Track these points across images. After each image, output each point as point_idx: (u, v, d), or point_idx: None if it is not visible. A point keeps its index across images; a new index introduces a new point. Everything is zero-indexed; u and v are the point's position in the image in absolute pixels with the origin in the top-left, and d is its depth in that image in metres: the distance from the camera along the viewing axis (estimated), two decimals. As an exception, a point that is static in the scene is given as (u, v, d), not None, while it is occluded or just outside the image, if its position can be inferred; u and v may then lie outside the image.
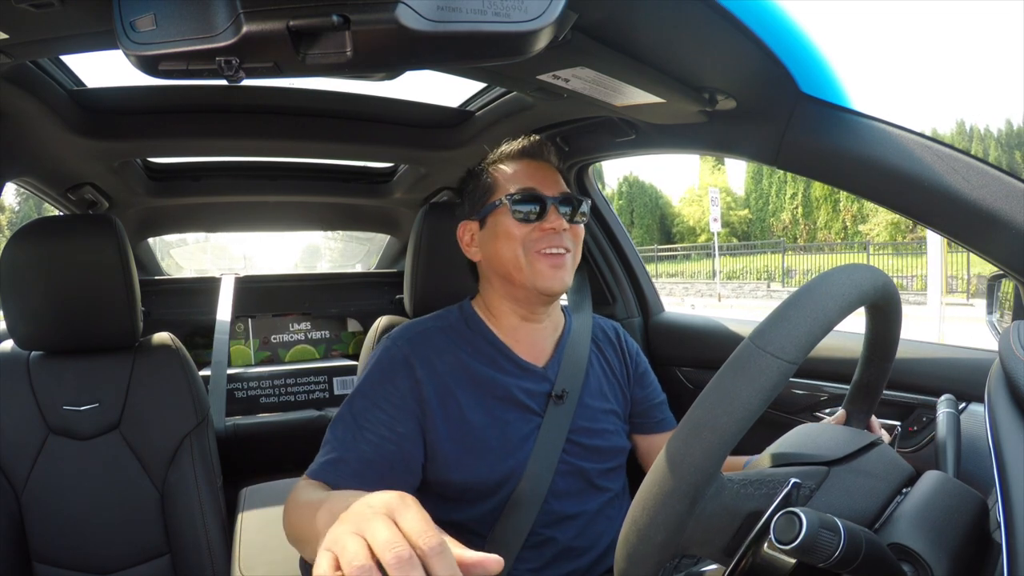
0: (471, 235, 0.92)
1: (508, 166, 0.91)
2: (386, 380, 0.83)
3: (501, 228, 0.87)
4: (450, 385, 0.85)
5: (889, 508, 0.51)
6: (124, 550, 1.07)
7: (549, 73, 0.77)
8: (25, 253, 1.05)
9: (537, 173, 0.90)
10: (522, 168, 0.90)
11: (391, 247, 2.25)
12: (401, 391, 0.83)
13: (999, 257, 0.69)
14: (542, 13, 0.47)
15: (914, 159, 0.71)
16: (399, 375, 0.84)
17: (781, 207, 19.94)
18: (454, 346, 0.88)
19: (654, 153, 1.21)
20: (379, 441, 0.79)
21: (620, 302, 1.54)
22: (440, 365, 0.85)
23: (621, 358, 1.01)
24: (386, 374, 0.84)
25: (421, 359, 0.85)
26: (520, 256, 0.85)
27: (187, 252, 3.32)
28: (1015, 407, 0.48)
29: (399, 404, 0.82)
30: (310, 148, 1.42)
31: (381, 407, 0.81)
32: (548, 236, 0.86)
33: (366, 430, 0.80)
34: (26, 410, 1.06)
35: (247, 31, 0.46)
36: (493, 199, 0.88)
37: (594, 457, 0.91)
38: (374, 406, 0.81)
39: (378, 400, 0.82)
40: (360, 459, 0.78)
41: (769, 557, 0.45)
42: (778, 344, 0.46)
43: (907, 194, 0.73)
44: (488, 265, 0.91)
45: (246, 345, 2.03)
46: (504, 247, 0.86)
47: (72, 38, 0.71)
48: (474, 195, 0.92)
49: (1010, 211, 0.65)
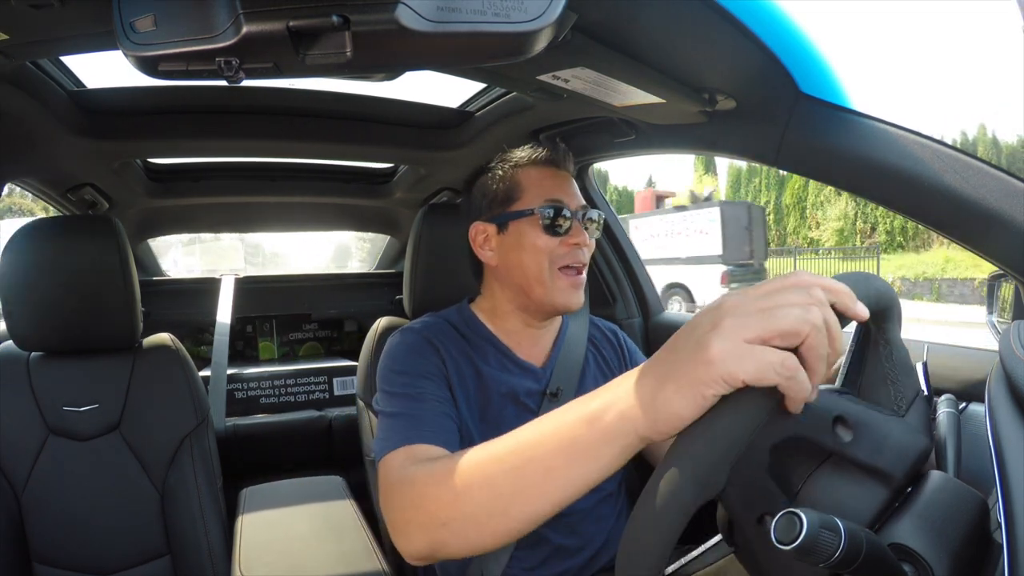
0: (485, 237, 0.90)
1: (534, 172, 0.88)
2: (420, 356, 0.83)
3: (527, 239, 0.85)
4: (463, 372, 0.85)
5: (890, 508, 0.51)
6: (124, 551, 1.07)
7: (549, 73, 0.77)
8: (25, 254, 1.05)
9: (563, 184, 0.88)
10: (548, 177, 0.88)
11: (391, 247, 2.25)
12: (436, 364, 0.83)
13: (999, 257, 0.69)
14: (542, 13, 0.47)
15: (914, 159, 0.71)
16: (429, 352, 0.84)
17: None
18: (460, 341, 0.89)
19: (654, 153, 1.21)
20: (439, 402, 0.77)
21: (620, 302, 1.54)
22: (454, 354, 0.86)
23: (620, 358, 1.02)
24: (418, 352, 0.83)
25: (440, 344, 0.85)
26: (545, 270, 0.85)
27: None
28: (1015, 407, 0.48)
29: (437, 374, 0.82)
30: (310, 149, 1.42)
31: (426, 376, 0.80)
32: (572, 251, 0.85)
33: (424, 396, 0.77)
34: (26, 411, 1.06)
35: (247, 32, 0.46)
36: (519, 206, 0.86)
37: None
38: (420, 377, 0.80)
39: (421, 371, 0.81)
40: (435, 414, 0.74)
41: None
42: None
43: (907, 194, 0.73)
44: (505, 272, 0.89)
45: (272, 342, 2.14)
46: (529, 259, 0.85)
47: (72, 39, 0.71)
48: (493, 196, 0.89)
49: (1010, 211, 0.65)
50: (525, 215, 0.86)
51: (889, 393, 0.55)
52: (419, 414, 0.74)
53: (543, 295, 0.85)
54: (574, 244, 0.85)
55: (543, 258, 0.85)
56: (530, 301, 0.88)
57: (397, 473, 0.64)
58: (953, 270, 12.58)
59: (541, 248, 0.85)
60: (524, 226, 0.86)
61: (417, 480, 0.58)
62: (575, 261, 0.86)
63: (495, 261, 0.89)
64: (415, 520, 0.56)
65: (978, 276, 11.73)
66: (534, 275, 0.85)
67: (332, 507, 1.20)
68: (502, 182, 0.89)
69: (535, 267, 0.85)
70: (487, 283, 0.94)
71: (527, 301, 0.88)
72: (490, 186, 0.90)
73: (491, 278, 0.93)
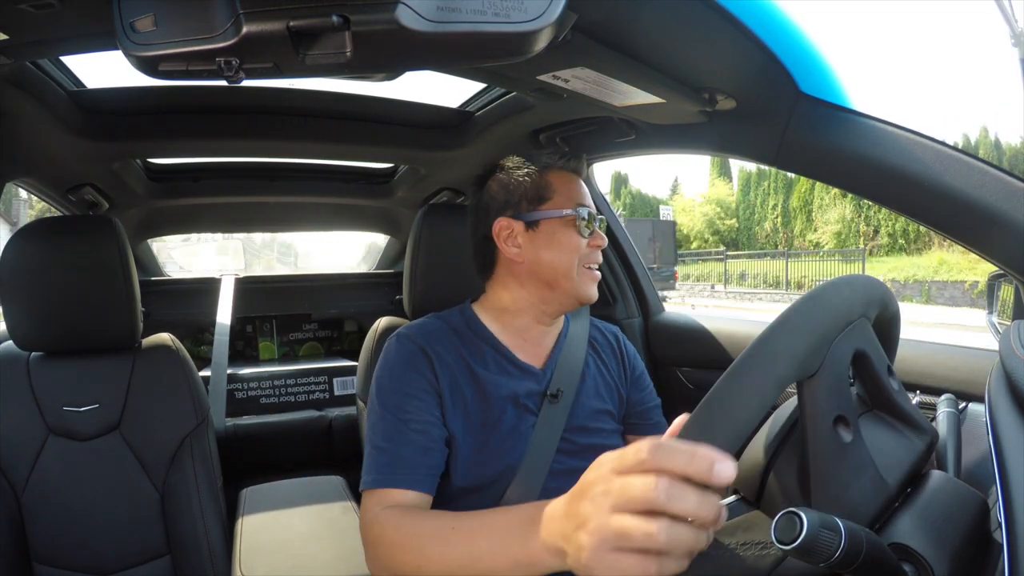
0: (511, 232, 0.91)
1: (564, 177, 0.93)
2: (411, 369, 0.85)
3: (563, 238, 0.89)
4: (458, 380, 0.86)
5: (891, 508, 0.51)
6: (124, 551, 1.07)
7: (549, 73, 0.77)
8: (25, 254, 1.05)
9: (584, 190, 0.94)
10: (575, 183, 0.93)
11: (391, 247, 2.25)
12: (427, 378, 0.85)
13: (999, 257, 0.69)
14: (542, 13, 0.47)
15: (914, 159, 0.71)
16: (420, 364, 0.85)
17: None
18: (458, 345, 0.89)
19: (654, 153, 1.21)
20: (425, 427, 0.81)
21: (620, 303, 1.54)
22: (449, 361, 0.87)
23: (619, 361, 1.02)
24: (409, 364, 0.85)
25: (434, 352, 0.87)
26: (574, 267, 0.89)
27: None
28: (1015, 407, 0.48)
29: (428, 390, 0.84)
30: (310, 149, 1.42)
31: (415, 395, 0.83)
32: (595, 252, 0.92)
33: (410, 421, 0.81)
34: (26, 411, 1.06)
35: (247, 32, 0.46)
36: (552, 207, 0.90)
37: (588, 456, 0.90)
38: (409, 396, 0.83)
39: (410, 390, 0.83)
40: (415, 450, 0.79)
41: None
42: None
43: (907, 194, 0.73)
44: (531, 267, 0.91)
45: (272, 342, 2.13)
46: (562, 256, 0.89)
47: (72, 39, 0.71)
48: (523, 194, 0.91)
49: (1010, 211, 0.65)
50: (562, 215, 0.90)
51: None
52: (399, 452, 0.79)
53: (570, 288, 0.90)
54: (596, 245, 0.92)
55: (574, 256, 0.89)
56: (554, 294, 0.91)
57: (370, 514, 0.75)
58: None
59: (575, 247, 0.89)
60: (558, 225, 0.90)
61: (386, 530, 0.71)
62: (595, 261, 0.92)
63: (521, 257, 0.91)
64: (378, 560, 0.71)
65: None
66: (564, 272, 0.89)
67: (332, 507, 1.20)
68: (532, 182, 0.92)
69: (566, 264, 0.89)
70: (500, 279, 0.94)
71: (549, 295, 0.91)
72: (519, 184, 0.92)
73: (507, 274, 0.93)
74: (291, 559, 1.01)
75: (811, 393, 0.49)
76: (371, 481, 0.79)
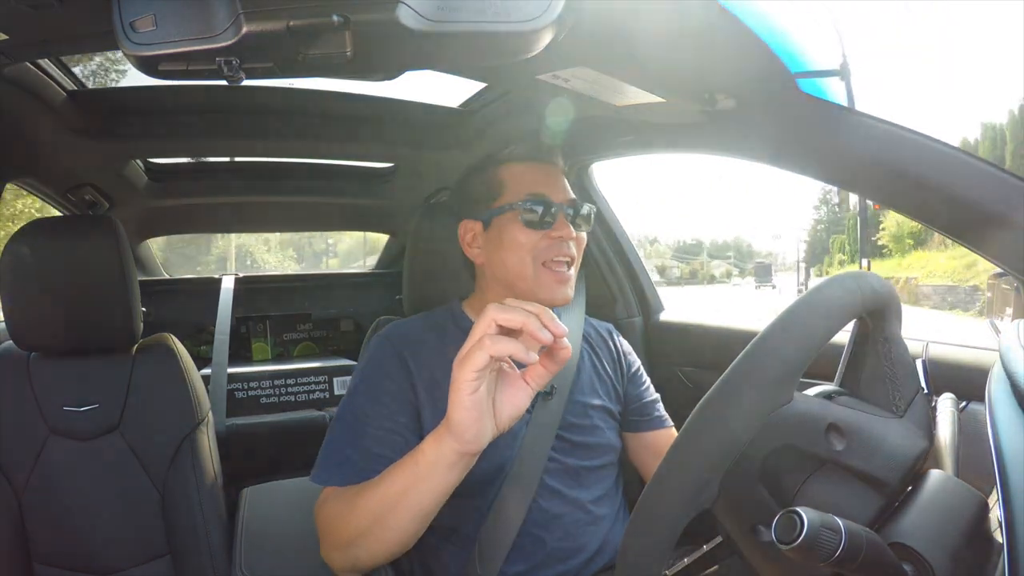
0: (473, 235, 0.90)
1: (517, 168, 0.88)
2: (382, 375, 0.84)
3: (508, 235, 0.85)
4: (440, 381, 0.84)
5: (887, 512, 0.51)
6: (124, 551, 1.07)
7: (549, 73, 0.77)
8: (25, 254, 1.05)
9: (547, 178, 0.88)
10: (531, 171, 0.88)
11: (391, 247, 2.25)
12: (398, 383, 0.83)
13: (999, 256, 0.69)
14: (542, 13, 0.47)
15: (915, 158, 0.71)
16: (393, 369, 0.84)
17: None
18: (442, 344, 0.87)
19: (654, 153, 1.21)
20: (383, 434, 0.79)
21: (620, 302, 1.53)
22: (429, 361, 0.85)
23: (614, 357, 1.01)
24: (381, 369, 0.84)
25: (412, 354, 0.85)
26: (527, 266, 0.84)
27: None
28: (1015, 406, 0.48)
29: (397, 396, 0.82)
30: (310, 148, 1.42)
31: (381, 401, 0.82)
32: (556, 244, 0.84)
33: (368, 425, 0.80)
34: (26, 411, 1.06)
35: (247, 31, 0.46)
36: (501, 202, 0.86)
37: (583, 453, 0.90)
38: (374, 401, 0.82)
39: (377, 394, 0.82)
40: (366, 455, 0.78)
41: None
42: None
43: (907, 193, 0.73)
44: (490, 270, 0.89)
45: (266, 343, 2.11)
46: (510, 256, 0.85)
47: (72, 39, 0.71)
48: (479, 194, 0.90)
49: (1010, 211, 0.65)
50: (505, 211, 0.85)
51: (887, 391, 0.55)
52: (352, 458, 0.78)
53: (526, 290, 0.85)
54: (557, 237, 0.84)
55: (525, 254, 0.84)
56: (517, 297, 0.88)
57: (321, 508, 0.77)
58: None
59: (522, 244, 0.84)
60: (505, 222, 0.85)
61: (332, 518, 0.74)
62: (560, 255, 0.85)
63: (482, 259, 0.90)
64: (331, 543, 0.74)
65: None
66: (516, 272, 0.85)
67: None
68: (485, 180, 0.89)
69: (517, 263, 0.84)
70: (479, 282, 0.94)
71: (514, 297, 0.88)
72: (475, 184, 0.91)
73: (481, 276, 0.93)
74: (291, 559, 1.01)
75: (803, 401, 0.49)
76: (320, 473, 0.79)
